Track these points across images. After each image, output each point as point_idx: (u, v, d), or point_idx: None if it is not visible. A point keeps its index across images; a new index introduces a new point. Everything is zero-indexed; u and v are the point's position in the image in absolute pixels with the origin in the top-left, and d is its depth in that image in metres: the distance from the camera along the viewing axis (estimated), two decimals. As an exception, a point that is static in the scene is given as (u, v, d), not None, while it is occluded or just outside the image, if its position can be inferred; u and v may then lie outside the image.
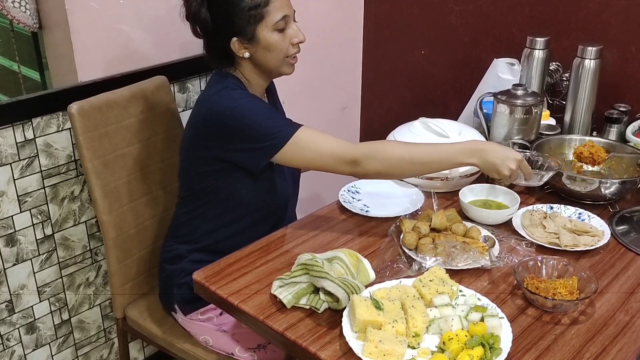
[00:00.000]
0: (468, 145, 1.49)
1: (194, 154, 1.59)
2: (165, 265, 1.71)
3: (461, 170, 1.68)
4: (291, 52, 1.56)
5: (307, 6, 2.35)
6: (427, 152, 1.49)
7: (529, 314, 1.27)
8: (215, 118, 1.49)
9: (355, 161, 1.46)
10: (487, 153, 1.46)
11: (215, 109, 1.50)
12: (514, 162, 1.47)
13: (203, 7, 1.50)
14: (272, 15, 1.49)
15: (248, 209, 1.62)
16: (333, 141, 1.49)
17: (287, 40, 1.54)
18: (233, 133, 1.48)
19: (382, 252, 1.46)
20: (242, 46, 1.52)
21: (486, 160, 1.46)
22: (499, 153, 1.46)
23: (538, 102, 1.77)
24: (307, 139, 1.48)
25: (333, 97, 2.60)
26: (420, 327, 1.17)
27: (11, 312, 1.84)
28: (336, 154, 1.47)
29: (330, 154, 1.48)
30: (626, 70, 1.95)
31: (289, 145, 1.47)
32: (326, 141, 1.49)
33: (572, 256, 1.44)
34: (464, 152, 1.47)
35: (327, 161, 1.48)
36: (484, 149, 1.47)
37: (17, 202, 1.76)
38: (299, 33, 1.55)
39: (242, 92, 1.53)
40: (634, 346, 1.19)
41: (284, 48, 1.54)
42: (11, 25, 1.85)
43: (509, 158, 1.46)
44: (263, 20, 1.49)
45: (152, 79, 1.84)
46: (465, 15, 2.26)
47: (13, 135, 1.70)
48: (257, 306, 1.29)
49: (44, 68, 1.94)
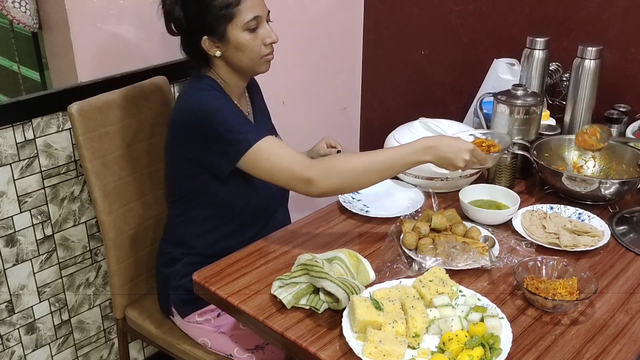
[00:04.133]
0: (419, 143, 1.46)
1: (174, 157, 1.60)
2: (161, 268, 1.72)
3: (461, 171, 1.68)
4: (264, 52, 1.55)
5: (307, 6, 2.35)
6: (381, 159, 1.46)
7: (528, 314, 1.27)
8: (189, 119, 1.50)
9: (309, 180, 1.43)
10: (439, 149, 1.44)
11: (188, 110, 1.51)
12: (467, 152, 1.45)
13: (177, 5, 1.50)
14: (243, 14, 1.49)
15: (235, 212, 1.62)
16: (292, 157, 1.46)
17: (259, 40, 1.53)
18: (204, 134, 1.48)
19: (382, 253, 1.46)
20: (213, 45, 1.53)
21: (439, 155, 1.44)
22: (451, 147, 1.44)
23: (538, 103, 1.77)
24: (268, 150, 1.46)
25: (333, 97, 2.60)
26: (420, 328, 1.17)
27: (11, 312, 1.84)
28: (292, 171, 1.45)
29: (286, 169, 1.45)
30: (626, 70, 1.95)
31: (249, 154, 1.45)
32: (285, 155, 1.46)
33: (572, 256, 1.44)
34: (417, 151, 1.44)
35: (283, 176, 1.46)
36: (436, 145, 1.44)
37: (17, 202, 1.76)
38: (272, 33, 1.54)
39: (215, 94, 1.53)
40: (634, 346, 1.19)
41: (256, 48, 1.53)
42: (11, 25, 1.85)
43: (461, 150, 1.45)
44: (234, 19, 1.49)
45: (152, 79, 1.84)
46: (465, 16, 2.26)
47: (13, 135, 1.70)
48: (257, 306, 1.29)
49: (44, 68, 1.93)
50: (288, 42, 2.32)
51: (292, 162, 1.45)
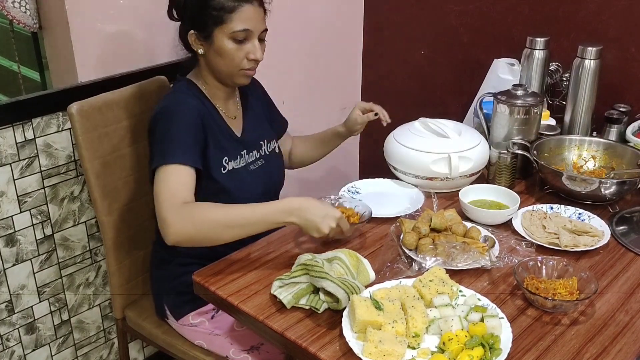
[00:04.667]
0: (286, 204, 1.40)
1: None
2: (154, 271, 1.72)
3: (461, 170, 1.68)
4: (244, 66, 1.54)
5: (307, 6, 2.35)
6: (244, 215, 1.39)
7: (528, 314, 1.27)
8: (154, 117, 1.52)
9: (164, 221, 1.37)
10: (306, 211, 1.38)
11: (156, 108, 1.54)
12: (333, 220, 1.39)
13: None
14: (233, 23, 1.49)
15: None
16: (172, 194, 1.40)
17: (242, 53, 1.52)
18: (152, 129, 1.51)
19: (382, 252, 1.46)
20: (197, 42, 1.54)
21: (306, 218, 1.38)
22: (319, 210, 1.39)
23: (538, 103, 1.77)
24: (164, 176, 1.42)
25: (333, 97, 2.60)
26: (420, 328, 1.17)
27: (11, 312, 1.84)
28: (160, 206, 1.39)
29: (159, 202, 1.39)
30: (626, 70, 1.95)
31: (159, 169, 1.43)
32: (168, 189, 1.40)
33: (572, 256, 1.44)
34: (282, 211, 1.38)
35: (156, 206, 1.41)
36: (303, 207, 1.38)
37: (17, 202, 1.76)
38: (257, 51, 1.53)
39: (182, 98, 1.53)
40: (634, 346, 1.19)
41: (237, 59, 1.52)
42: (11, 25, 1.85)
43: (328, 216, 1.38)
44: (223, 24, 1.49)
45: (152, 79, 1.84)
46: (465, 16, 2.26)
47: (13, 135, 1.70)
48: (257, 306, 1.29)
49: (44, 68, 1.93)
50: (288, 42, 2.32)
51: (167, 198, 1.39)
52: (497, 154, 1.72)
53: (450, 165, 1.66)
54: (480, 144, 1.74)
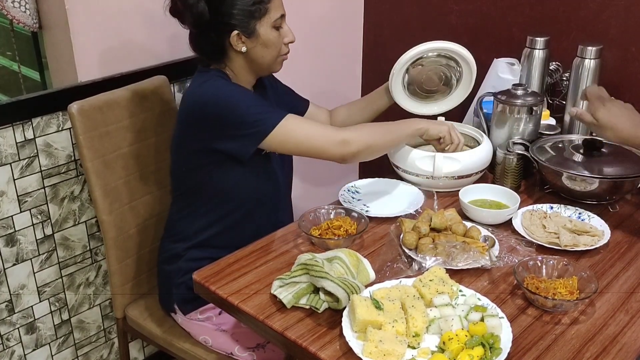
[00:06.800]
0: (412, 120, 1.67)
1: (184, 150, 1.60)
2: (163, 266, 1.72)
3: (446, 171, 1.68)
4: (284, 51, 1.61)
5: (307, 6, 2.35)
6: (389, 126, 1.63)
7: (529, 313, 1.27)
8: (201, 109, 1.51)
9: (344, 140, 1.52)
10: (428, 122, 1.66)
11: (200, 100, 1.52)
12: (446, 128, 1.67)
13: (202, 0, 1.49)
14: (272, 12, 1.54)
15: (240, 201, 1.62)
16: (320, 126, 1.59)
17: (281, 39, 1.59)
18: (219, 121, 1.50)
19: (382, 252, 1.46)
20: (240, 40, 1.54)
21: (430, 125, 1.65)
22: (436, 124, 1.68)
23: (538, 102, 1.77)
24: (295, 125, 1.52)
25: (333, 96, 2.60)
26: (420, 327, 1.17)
27: (11, 312, 1.84)
28: (326, 136, 1.53)
29: (320, 135, 1.53)
30: (626, 70, 1.95)
31: (277, 131, 1.49)
32: (313, 125, 1.57)
33: (572, 256, 1.44)
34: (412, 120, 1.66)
35: (317, 143, 1.52)
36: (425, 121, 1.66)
37: (17, 202, 1.76)
38: (290, 33, 1.61)
39: (225, 82, 1.56)
40: (634, 346, 1.19)
41: (279, 46, 1.59)
42: (11, 25, 1.85)
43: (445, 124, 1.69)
44: (265, 16, 1.53)
45: (152, 79, 1.84)
46: (465, 15, 2.26)
47: (13, 135, 1.70)
48: (257, 306, 1.29)
49: (44, 68, 1.94)
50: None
51: (323, 129, 1.55)
52: (502, 155, 1.71)
53: (434, 165, 1.66)
54: (481, 144, 1.75)
